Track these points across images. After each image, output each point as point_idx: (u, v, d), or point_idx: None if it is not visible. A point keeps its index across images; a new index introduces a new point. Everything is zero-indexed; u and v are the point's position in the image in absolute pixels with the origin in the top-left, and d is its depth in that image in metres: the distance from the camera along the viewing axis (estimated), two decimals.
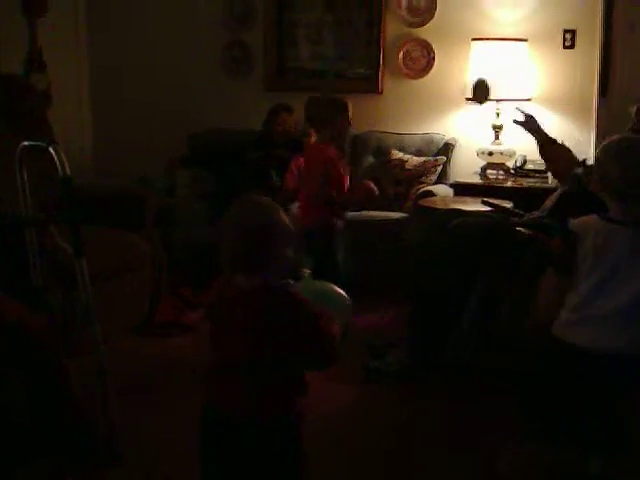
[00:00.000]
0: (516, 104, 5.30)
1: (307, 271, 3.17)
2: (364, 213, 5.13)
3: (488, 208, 4.24)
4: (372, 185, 4.38)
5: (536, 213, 3.94)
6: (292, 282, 2.16)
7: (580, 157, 5.03)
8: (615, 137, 2.85)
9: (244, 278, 2.07)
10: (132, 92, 6.10)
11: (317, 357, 2.12)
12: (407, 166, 5.40)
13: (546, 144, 4.02)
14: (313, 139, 4.96)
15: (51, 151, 2.82)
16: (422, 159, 5.43)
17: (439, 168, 5.41)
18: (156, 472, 2.90)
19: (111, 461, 2.89)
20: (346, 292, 3.30)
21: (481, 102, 5.19)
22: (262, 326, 2.04)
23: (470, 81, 5.34)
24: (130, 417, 3.11)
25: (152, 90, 6.06)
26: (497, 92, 5.27)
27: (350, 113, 4.22)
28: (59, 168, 2.81)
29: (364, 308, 4.71)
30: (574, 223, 2.85)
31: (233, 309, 2.07)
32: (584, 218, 2.85)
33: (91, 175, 6.05)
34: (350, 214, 5.11)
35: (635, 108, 3.83)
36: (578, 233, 2.80)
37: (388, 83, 5.78)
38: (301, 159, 5.22)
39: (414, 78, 5.72)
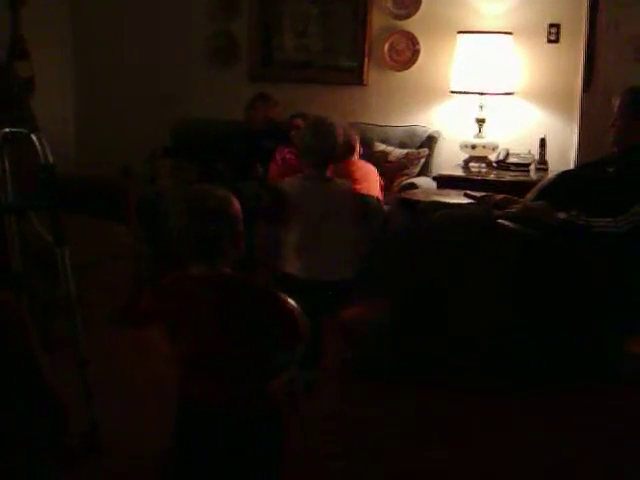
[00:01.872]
0: (500, 97, 5.34)
1: None
2: None
3: (470, 201, 4.25)
4: None
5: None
6: None
7: (564, 151, 5.10)
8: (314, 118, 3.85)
9: (201, 268, 2.08)
10: (115, 81, 6.07)
11: (285, 334, 2.14)
12: (390, 158, 5.40)
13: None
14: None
15: (33, 138, 2.80)
16: (405, 151, 5.43)
17: (422, 160, 5.42)
18: (139, 463, 2.89)
19: (91, 452, 2.89)
20: None
21: None
22: (228, 312, 2.05)
23: (455, 73, 5.35)
24: (110, 408, 3.11)
25: (136, 80, 6.03)
26: (481, 85, 5.29)
27: None
28: (41, 155, 2.79)
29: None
30: (283, 183, 3.66)
31: (194, 300, 2.07)
32: (289, 179, 3.69)
33: (74, 164, 6.02)
34: None
35: (618, 100, 3.85)
36: (286, 190, 3.55)
37: (373, 75, 5.78)
38: (286, 149, 5.24)
39: (399, 70, 5.71)
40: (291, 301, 2.18)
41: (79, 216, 3.93)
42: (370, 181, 4.92)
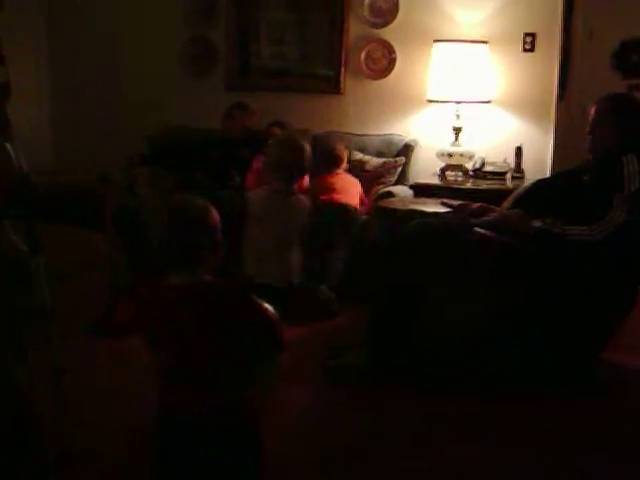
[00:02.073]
0: (476, 106, 5.37)
1: None
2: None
3: (447, 209, 4.26)
4: None
5: None
6: None
7: (540, 160, 5.14)
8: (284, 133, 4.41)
9: (181, 276, 2.08)
10: (92, 89, 6.05)
11: (265, 341, 2.15)
12: (367, 167, 5.41)
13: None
14: None
15: (7, 147, 2.79)
16: (382, 160, 5.44)
17: (399, 169, 5.44)
18: (115, 473, 2.87)
19: (66, 463, 2.86)
20: None
21: None
22: (209, 320, 2.05)
23: (431, 82, 5.38)
24: (87, 417, 3.09)
25: (113, 87, 6.02)
26: (457, 94, 5.31)
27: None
28: (15, 164, 2.78)
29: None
30: (248, 193, 4.14)
31: (174, 309, 2.07)
32: (256, 190, 4.18)
33: (50, 171, 5.98)
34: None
35: (594, 108, 3.88)
36: (249, 200, 4.03)
37: (349, 83, 5.79)
38: (263, 158, 5.25)
39: (375, 79, 5.74)
40: (270, 308, 2.19)
41: (55, 224, 3.90)
42: (349, 193, 4.99)
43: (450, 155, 5.36)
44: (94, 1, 6.03)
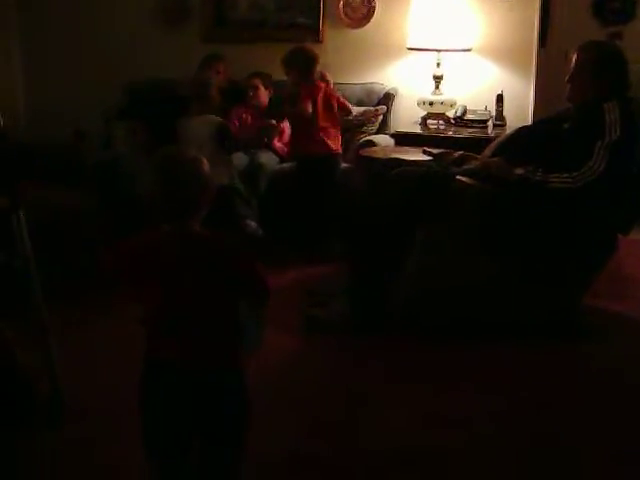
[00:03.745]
0: (457, 54, 5.33)
1: None
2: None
3: (429, 158, 4.25)
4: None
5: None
6: None
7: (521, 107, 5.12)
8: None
9: (174, 226, 2.07)
10: (66, 43, 5.95)
11: (252, 290, 2.17)
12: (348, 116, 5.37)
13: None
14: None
15: None
16: (363, 109, 5.41)
17: (380, 118, 5.41)
18: (106, 427, 2.88)
19: (56, 419, 2.88)
20: None
21: None
22: (199, 268, 2.05)
23: (411, 30, 5.33)
24: (75, 372, 3.09)
25: (87, 41, 5.92)
26: (438, 42, 5.27)
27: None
28: None
29: (306, 258, 4.72)
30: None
31: (164, 257, 2.06)
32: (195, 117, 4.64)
33: (25, 129, 5.92)
34: (289, 164, 5.09)
35: (575, 55, 3.85)
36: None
37: (328, 32, 5.73)
38: (242, 109, 5.21)
39: (354, 27, 5.67)
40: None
41: (33, 181, 3.87)
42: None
43: (431, 103, 5.34)
44: None
